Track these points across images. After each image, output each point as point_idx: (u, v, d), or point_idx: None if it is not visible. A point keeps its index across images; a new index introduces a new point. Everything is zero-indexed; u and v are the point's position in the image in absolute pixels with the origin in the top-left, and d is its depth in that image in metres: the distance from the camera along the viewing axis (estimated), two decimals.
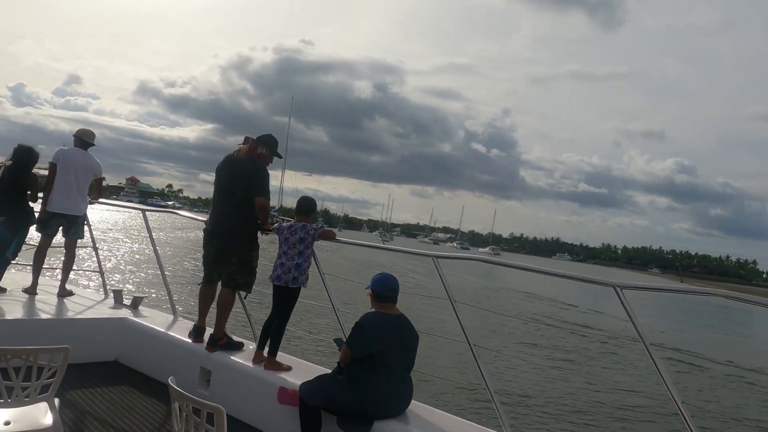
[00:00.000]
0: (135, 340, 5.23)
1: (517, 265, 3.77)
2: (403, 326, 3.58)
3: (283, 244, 4.27)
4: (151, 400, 4.38)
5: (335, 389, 3.45)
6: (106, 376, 4.81)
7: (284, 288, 4.20)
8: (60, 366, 2.72)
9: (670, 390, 2.81)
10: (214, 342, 4.54)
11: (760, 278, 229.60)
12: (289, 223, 4.31)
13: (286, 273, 4.18)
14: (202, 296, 4.73)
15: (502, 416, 3.46)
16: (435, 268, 3.81)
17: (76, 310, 5.52)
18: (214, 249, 4.55)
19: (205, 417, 2.14)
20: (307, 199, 4.43)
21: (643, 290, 3.10)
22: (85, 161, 6.00)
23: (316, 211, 4.44)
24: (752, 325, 39.85)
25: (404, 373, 3.55)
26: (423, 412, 3.60)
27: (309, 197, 4.44)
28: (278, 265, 4.24)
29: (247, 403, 4.11)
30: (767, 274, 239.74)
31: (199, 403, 2.13)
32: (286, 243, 4.24)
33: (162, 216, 44.43)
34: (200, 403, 2.13)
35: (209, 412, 2.12)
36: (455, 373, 11.72)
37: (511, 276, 45.37)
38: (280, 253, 4.28)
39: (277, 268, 4.24)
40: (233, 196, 4.48)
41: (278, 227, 4.35)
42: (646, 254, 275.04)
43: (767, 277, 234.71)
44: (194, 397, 2.15)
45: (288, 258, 4.21)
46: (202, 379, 4.50)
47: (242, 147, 4.60)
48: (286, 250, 4.24)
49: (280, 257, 4.26)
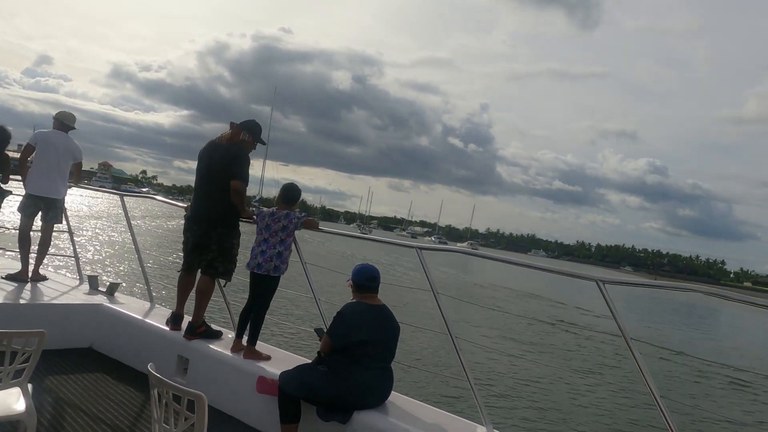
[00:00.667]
0: (110, 327, 5.14)
1: (503, 258, 3.79)
2: (384, 317, 3.57)
3: (263, 231, 4.19)
4: (127, 387, 4.32)
5: (315, 379, 3.43)
6: (80, 363, 4.73)
7: (265, 276, 4.15)
8: (35, 351, 2.66)
9: (649, 383, 2.84)
10: (193, 330, 4.48)
11: (728, 278, 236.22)
12: (271, 210, 4.25)
13: (268, 261, 4.12)
14: (180, 284, 4.66)
15: (482, 407, 3.48)
16: (419, 259, 3.80)
17: (49, 296, 5.41)
18: (194, 236, 4.49)
19: (185, 404, 2.10)
20: (292, 186, 4.36)
21: (625, 285, 3.13)
22: (65, 144, 5.87)
23: (299, 200, 4.39)
24: (719, 321, 40.85)
25: (385, 363, 3.54)
26: (403, 403, 3.60)
27: (293, 184, 4.38)
28: (258, 252, 4.16)
29: (226, 392, 4.07)
30: (734, 274, 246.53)
31: (180, 390, 2.10)
32: (268, 230, 4.17)
33: (140, 202, 43.83)
34: (181, 390, 2.09)
35: (190, 399, 2.09)
36: (436, 365, 11.80)
37: (490, 270, 45.76)
38: (259, 240, 4.20)
39: (257, 255, 4.16)
40: (214, 182, 4.41)
41: (259, 213, 4.27)
42: (619, 252, 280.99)
43: (734, 276, 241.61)
44: (175, 384, 2.11)
45: (269, 246, 4.15)
46: (180, 367, 4.44)
47: (225, 133, 4.54)
48: (267, 238, 4.16)
49: (260, 245, 4.18)
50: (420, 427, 3.25)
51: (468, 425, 3.45)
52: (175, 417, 2.13)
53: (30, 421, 2.64)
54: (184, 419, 2.10)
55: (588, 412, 10.57)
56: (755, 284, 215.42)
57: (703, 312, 44.52)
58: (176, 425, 2.12)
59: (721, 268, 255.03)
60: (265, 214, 4.23)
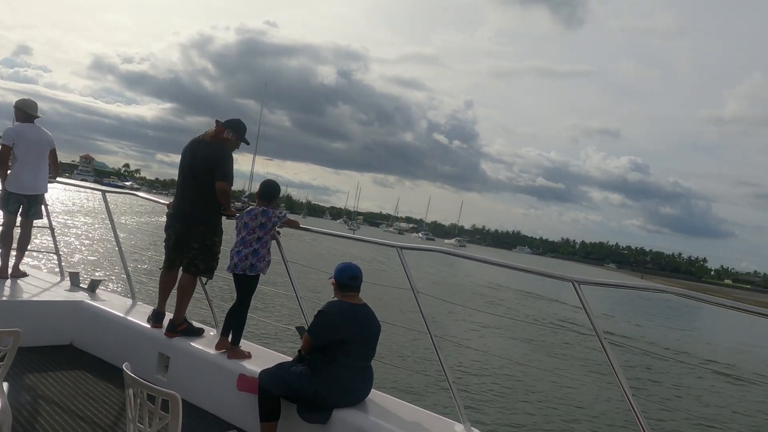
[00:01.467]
0: (91, 324, 5.11)
1: (480, 258, 3.81)
2: (366, 316, 3.59)
3: (242, 230, 4.16)
4: (107, 385, 4.30)
5: (295, 377, 3.44)
6: (60, 360, 4.69)
7: (243, 276, 4.14)
8: (9, 349, 2.64)
9: (621, 381, 2.90)
10: (174, 328, 4.47)
11: (709, 275, 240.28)
12: (250, 208, 4.22)
13: (243, 260, 4.10)
14: (162, 281, 4.65)
15: (460, 405, 3.51)
16: (399, 259, 3.82)
17: (30, 292, 5.36)
18: (176, 233, 4.47)
19: (159, 404, 2.10)
20: (271, 183, 4.33)
21: (600, 286, 3.18)
22: (38, 137, 5.75)
23: (279, 197, 4.37)
24: (694, 318, 41.50)
25: (365, 362, 3.56)
26: (382, 401, 3.63)
27: (272, 181, 4.35)
28: (234, 253, 4.15)
29: (206, 390, 4.07)
30: (715, 272, 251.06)
31: (154, 390, 2.10)
32: (246, 228, 4.14)
33: (122, 199, 43.36)
34: (155, 390, 2.10)
35: (164, 399, 2.09)
36: (416, 363, 11.86)
37: (474, 267, 45.98)
38: (237, 240, 4.17)
39: (233, 256, 4.15)
40: (196, 179, 4.40)
41: (238, 217, 4.22)
42: (602, 249, 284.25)
43: (714, 274, 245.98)
44: (149, 384, 2.12)
45: (245, 245, 4.12)
46: (161, 364, 4.43)
47: (209, 130, 4.52)
48: (244, 236, 4.14)
49: (237, 245, 4.15)
50: (399, 424, 3.28)
51: (446, 423, 3.48)
52: (150, 416, 2.14)
53: (5, 419, 2.62)
54: (159, 419, 2.10)
55: (563, 410, 10.70)
56: (735, 281, 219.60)
57: (680, 309, 45.31)
58: (151, 425, 2.13)
59: (703, 266, 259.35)
60: (243, 213, 4.20)
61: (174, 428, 2.06)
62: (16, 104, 5.80)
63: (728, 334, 33.27)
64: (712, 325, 38.54)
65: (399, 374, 10.11)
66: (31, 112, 5.78)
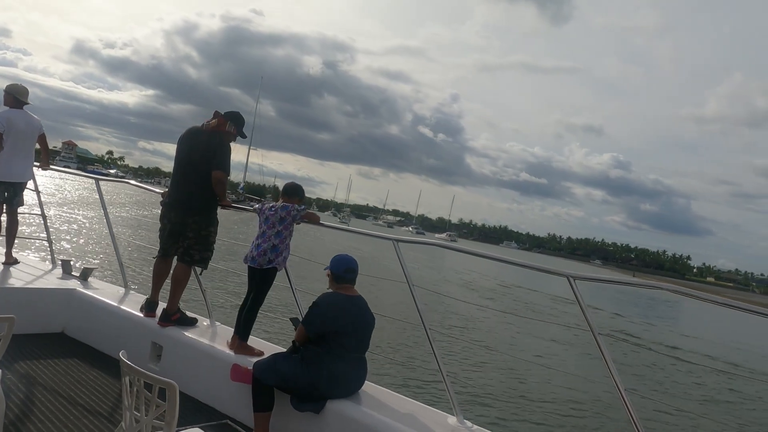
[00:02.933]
0: (83, 312, 5.09)
1: (480, 253, 3.82)
2: (360, 308, 3.59)
3: (262, 224, 4.16)
4: (99, 373, 4.29)
5: (289, 368, 3.45)
6: (52, 348, 4.68)
7: (258, 270, 4.11)
8: (4, 336, 2.63)
9: (614, 377, 2.92)
10: (167, 317, 4.46)
11: (691, 273, 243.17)
12: (272, 204, 4.22)
13: (262, 255, 4.07)
14: (156, 270, 4.63)
15: (453, 398, 3.53)
16: (395, 251, 3.83)
17: (22, 280, 5.33)
18: (171, 223, 4.45)
19: (156, 392, 2.10)
20: (296, 184, 4.36)
21: (595, 281, 3.20)
22: (28, 123, 5.69)
23: (302, 196, 4.35)
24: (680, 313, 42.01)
25: (359, 354, 3.57)
26: (376, 393, 3.64)
27: (297, 184, 4.37)
28: (254, 246, 4.13)
29: (199, 380, 4.07)
30: (697, 269, 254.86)
31: (151, 378, 2.10)
32: (266, 223, 4.13)
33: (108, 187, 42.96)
34: (152, 378, 2.10)
35: (161, 387, 2.09)
36: (410, 356, 11.90)
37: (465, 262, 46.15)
38: (258, 234, 4.17)
39: (252, 249, 4.13)
40: (194, 169, 4.38)
41: (260, 208, 4.24)
42: (588, 245, 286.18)
43: (697, 272, 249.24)
44: (146, 372, 2.12)
45: (265, 239, 4.11)
46: (153, 354, 4.42)
47: (210, 121, 4.49)
48: (264, 230, 4.13)
49: (258, 238, 4.15)
50: (392, 416, 3.29)
51: (439, 415, 3.50)
52: (146, 405, 2.14)
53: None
54: (155, 407, 2.10)
55: (556, 403, 10.78)
56: (717, 280, 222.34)
57: (666, 304, 45.93)
58: (147, 413, 2.13)
59: (686, 264, 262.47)
60: (265, 208, 4.21)
61: (171, 416, 2.06)
62: (6, 89, 5.73)
63: (707, 328, 33.67)
64: (690, 318, 39.05)
65: (393, 366, 10.16)
66: (21, 98, 5.71)
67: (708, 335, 29.62)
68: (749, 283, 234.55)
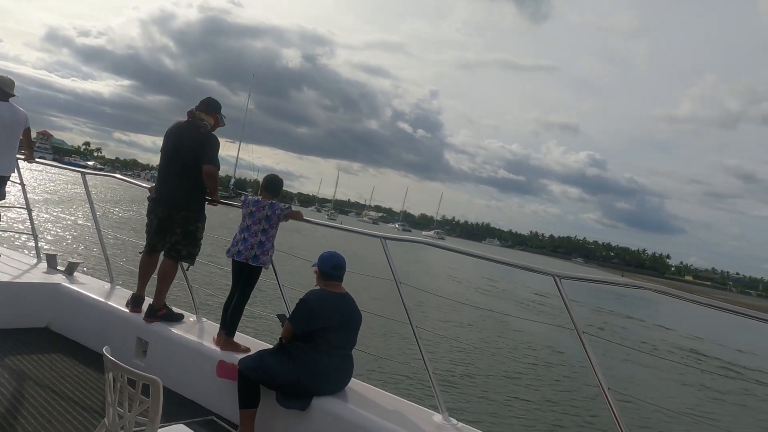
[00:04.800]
0: (68, 307, 5.04)
1: (466, 251, 3.83)
2: (348, 305, 3.60)
3: (247, 218, 4.12)
4: (84, 368, 4.26)
5: (275, 365, 3.44)
6: (36, 343, 4.63)
7: (245, 265, 4.08)
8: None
9: (598, 376, 2.95)
10: (153, 313, 4.44)
11: (670, 271, 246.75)
12: (257, 198, 4.18)
13: (248, 249, 4.05)
14: (142, 265, 4.60)
15: (438, 395, 3.55)
16: (383, 249, 3.83)
17: (5, 273, 5.26)
18: (158, 218, 4.42)
19: (140, 388, 2.09)
20: (276, 177, 4.30)
21: (581, 281, 3.22)
22: (14, 116, 5.61)
23: (281, 193, 4.32)
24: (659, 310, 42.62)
25: (346, 351, 3.57)
26: (362, 390, 3.65)
27: (277, 176, 4.32)
28: (240, 240, 4.08)
29: (185, 376, 4.06)
30: (675, 268, 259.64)
31: (135, 374, 2.09)
32: (251, 217, 4.10)
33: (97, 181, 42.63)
34: (136, 374, 2.09)
35: (145, 383, 2.08)
36: (396, 354, 11.92)
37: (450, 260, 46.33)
38: (242, 227, 4.12)
39: (238, 243, 4.08)
40: (181, 164, 4.35)
41: (244, 200, 4.19)
42: (570, 244, 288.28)
43: (675, 270, 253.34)
44: (130, 368, 2.10)
45: (251, 234, 4.08)
46: (139, 349, 4.40)
47: (206, 116, 4.43)
48: (249, 225, 4.10)
49: (242, 232, 4.10)
50: (378, 413, 3.30)
51: (425, 412, 3.52)
52: (129, 401, 2.13)
53: None
54: (139, 403, 2.09)
55: (540, 403, 10.87)
56: (696, 278, 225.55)
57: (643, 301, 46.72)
58: (130, 409, 2.11)
59: (665, 262, 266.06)
60: (250, 201, 4.17)
61: (155, 413, 2.05)
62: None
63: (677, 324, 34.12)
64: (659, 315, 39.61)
65: (379, 364, 10.16)
66: (7, 90, 5.62)
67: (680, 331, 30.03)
68: (726, 282, 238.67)
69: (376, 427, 3.17)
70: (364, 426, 3.21)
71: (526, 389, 11.51)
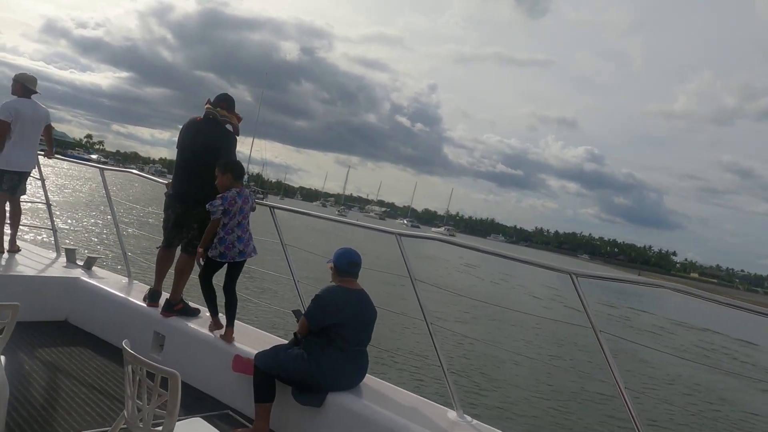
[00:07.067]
0: (87, 301, 5.11)
1: (482, 248, 3.81)
2: (363, 301, 3.60)
3: (237, 215, 4.07)
4: (102, 361, 4.32)
5: (291, 360, 3.46)
6: (55, 336, 4.71)
7: (241, 262, 4.14)
8: (8, 323, 2.64)
9: (615, 375, 2.92)
10: (170, 307, 4.49)
11: (675, 268, 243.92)
12: (236, 191, 4.10)
13: (247, 245, 4.11)
14: (159, 260, 4.65)
15: (453, 392, 3.54)
16: (398, 245, 3.83)
17: (26, 267, 5.35)
18: (176, 214, 4.47)
19: (159, 382, 2.12)
20: (239, 162, 4.30)
21: (598, 279, 3.19)
22: (37, 113, 5.71)
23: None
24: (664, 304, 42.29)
25: (360, 347, 3.58)
26: (377, 386, 3.66)
27: (239, 161, 4.33)
28: (234, 239, 4.05)
29: (201, 370, 4.09)
30: (680, 265, 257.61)
31: (154, 368, 2.11)
32: (241, 213, 4.10)
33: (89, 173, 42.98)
34: (155, 368, 2.11)
35: (163, 376, 2.10)
36: (411, 350, 11.93)
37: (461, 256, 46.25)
38: (232, 226, 4.05)
39: (235, 243, 4.05)
40: (198, 160, 4.38)
41: (223, 198, 4.04)
42: (575, 240, 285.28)
43: (680, 267, 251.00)
44: (149, 361, 2.13)
45: (244, 229, 4.12)
46: (156, 343, 4.45)
47: (226, 113, 4.47)
48: (240, 221, 4.10)
49: (234, 230, 4.05)
50: (393, 409, 3.30)
51: (440, 409, 3.51)
52: (148, 394, 2.15)
53: (2, 392, 2.64)
54: (158, 396, 2.12)
55: (556, 401, 10.80)
56: (701, 275, 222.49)
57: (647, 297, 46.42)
58: (149, 402, 2.14)
59: (670, 259, 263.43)
60: (232, 196, 4.05)
61: (173, 406, 2.07)
62: (15, 77, 5.73)
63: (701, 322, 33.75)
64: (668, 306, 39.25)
65: (394, 360, 10.18)
66: (30, 87, 5.72)
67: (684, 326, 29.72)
68: (733, 279, 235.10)
69: (390, 424, 3.18)
70: (379, 422, 3.21)
71: (540, 386, 11.45)
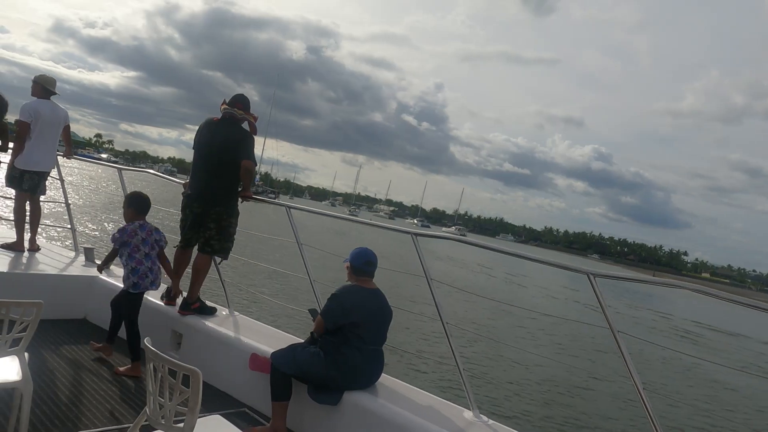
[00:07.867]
0: (105, 299, 5.16)
1: (496, 248, 3.80)
2: (378, 301, 3.61)
3: (141, 246, 4.17)
4: (120, 359, 4.37)
5: (307, 359, 3.48)
6: (74, 334, 4.78)
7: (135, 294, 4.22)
8: (32, 320, 2.69)
9: (633, 375, 2.90)
10: (187, 306, 4.53)
11: (686, 268, 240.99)
12: (138, 224, 4.22)
13: (143, 278, 4.17)
14: (177, 260, 4.69)
15: (469, 392, 3.54)
16: (413, 245, 3.83)
17: (45, 266, 5.44)
18: (193, 213, 4.51)
19: (180, 379, 2.15)
20: (145, 196, 4.37)
21: (615, 279, 3.17)
22: (56, 114, 5.79)
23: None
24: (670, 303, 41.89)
25: (376, 346, 3.59)
26: (392, 385, 3.67)
27: (143, 195, 4.38)
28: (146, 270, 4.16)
29: (218, 368, 4.13)
30: (691, 265, 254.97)
31: (176, 365, 2.14)
32: (145, 244, 4.19)
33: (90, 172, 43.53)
34: (176, 365, 2.14)
35: (185, 374, 2.13)
36: (427, 350, 11.93)
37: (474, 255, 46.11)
38: (139, 258, 4.15)
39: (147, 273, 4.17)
40: (216, 160, 4.42)
41: (125, 230, 4.16)
42: (585, 240, 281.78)
43: (692, 267, 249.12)
44: (171, 359, 2.16)
45: (153, 261, 4.22)
46: (173, 342, 4.50)
47: (243, 113, 4.52)
48: (148, 252, 4.20)
49: (144, 261, 4.17)
50: (409, 409, 3.31)
51: (456, 409, 3.51)
52: (170, 391, 2.18)
53: (26, 389, 2.69)
54: (179, 393, 2.15)
55: (573, 400, 10.74)
56: (713, 275, 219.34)
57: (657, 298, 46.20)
58: (171, 399, 2.17)
59: (681, 259, 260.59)
60: (132, 229, 4.17)
61: (194, 403, 2.10)
62: (35, 79, 5.82)
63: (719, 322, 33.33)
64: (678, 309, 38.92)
65: (410, 360, 10.19)
66: (49, 88, 5.80)
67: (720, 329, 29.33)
68: (745, 279, 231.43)
69: (406, 423, 3.18)
70: (395, 421, 3.22)
71: (557, 387, 11.39)
